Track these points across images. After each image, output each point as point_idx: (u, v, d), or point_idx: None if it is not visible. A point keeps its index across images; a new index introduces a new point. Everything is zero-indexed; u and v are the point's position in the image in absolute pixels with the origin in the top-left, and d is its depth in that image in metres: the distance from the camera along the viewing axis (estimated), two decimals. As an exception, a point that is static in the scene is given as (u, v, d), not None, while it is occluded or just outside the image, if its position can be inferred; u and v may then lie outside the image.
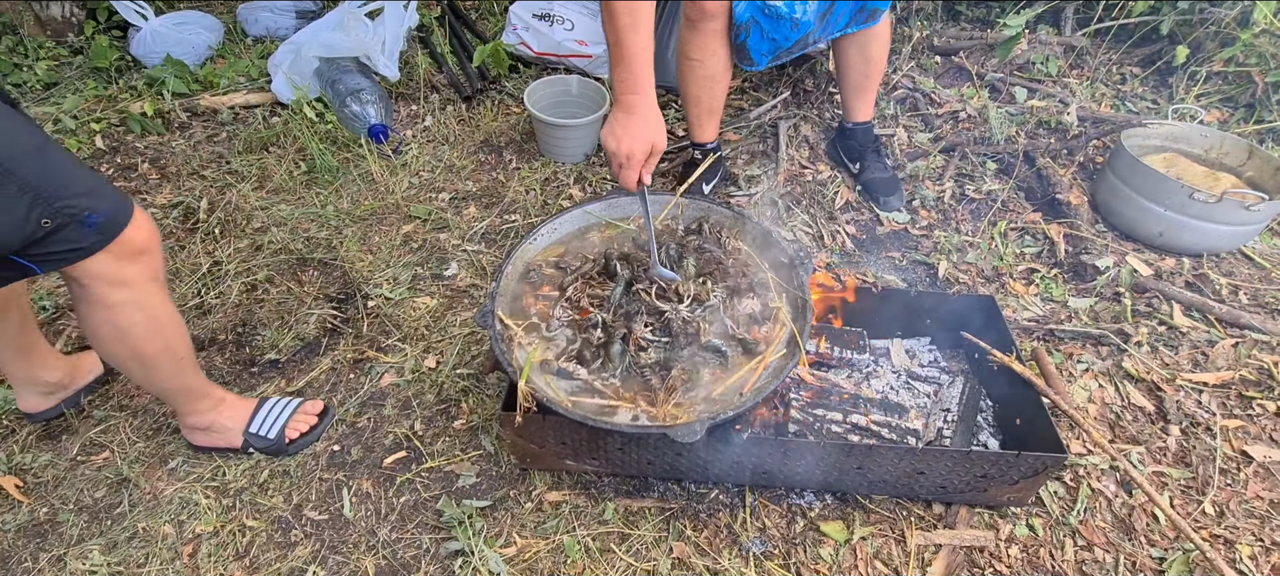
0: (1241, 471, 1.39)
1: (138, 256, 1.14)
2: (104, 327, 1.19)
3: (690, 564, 1.28)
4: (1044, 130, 2.23)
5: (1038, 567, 1.27)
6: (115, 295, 1.15)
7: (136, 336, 1.21)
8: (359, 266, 1.92)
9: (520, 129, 2.46)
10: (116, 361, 1.27)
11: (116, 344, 1.21)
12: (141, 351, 1.23)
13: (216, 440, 1.45)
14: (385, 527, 1.35)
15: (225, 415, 1.44)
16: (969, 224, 1.99)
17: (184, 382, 1.36)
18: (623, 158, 1.16)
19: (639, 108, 1.15)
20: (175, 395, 1.37)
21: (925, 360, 1.58)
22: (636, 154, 1.16)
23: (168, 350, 1.27)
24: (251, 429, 1.45)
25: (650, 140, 1.16)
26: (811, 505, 1.37)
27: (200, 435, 1.45)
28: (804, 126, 2.32)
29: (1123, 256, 1.82)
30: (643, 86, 1.15)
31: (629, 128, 1.16)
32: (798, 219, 2.01)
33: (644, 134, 1.16)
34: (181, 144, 2.41)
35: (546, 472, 1.42)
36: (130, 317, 1.18)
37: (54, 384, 1.50)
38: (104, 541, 1.34)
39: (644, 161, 1.18)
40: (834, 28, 1.80)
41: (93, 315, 1.17)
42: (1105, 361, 1.60)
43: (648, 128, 1.16)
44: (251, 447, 1.46)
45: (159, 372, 1.29)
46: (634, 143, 1.16)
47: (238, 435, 1.45)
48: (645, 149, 1.16)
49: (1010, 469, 1.22)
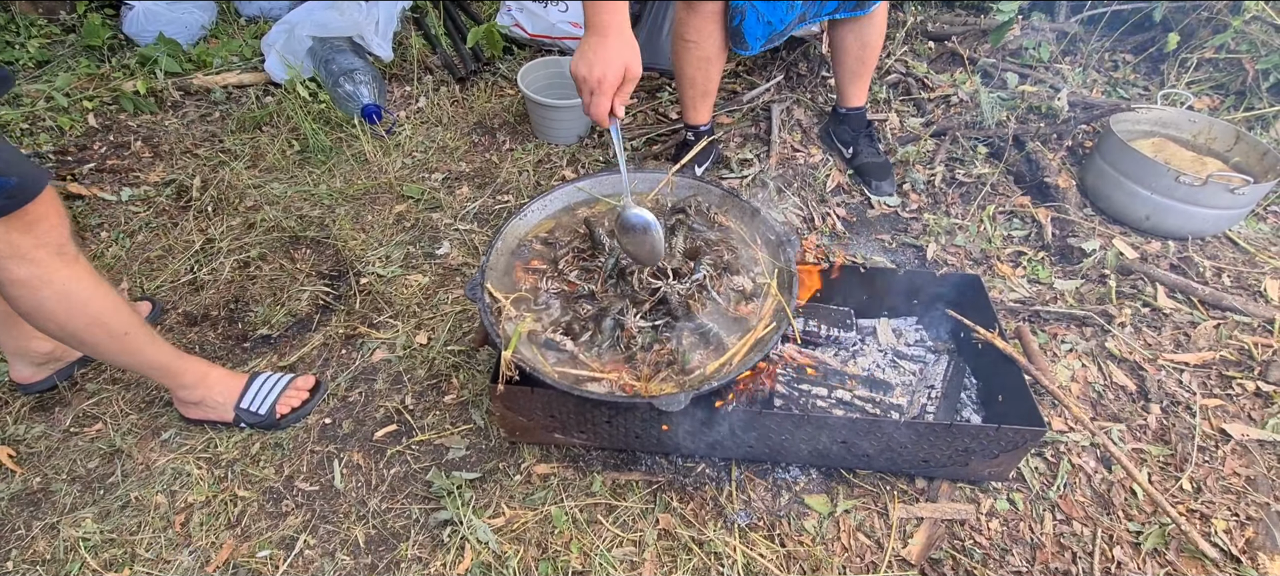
0: (1219, 449, 1.42)
1: (33, 226, 1.10)
2: (22, 304, 1.15)
3: (676, 535, 1.30)
4: (1035, 115, 2.24)
5: (1017, 540, 1.29)
6: (17, 270, 1.11)
7: (53, 312, 1.17)
8: (351, 245, 1.92)
9: (514, 110, 2.46)
10: (54, 338, 1.24)
11: (42, 320, 1.18)
12: (68, 327, 1.20)
13: (208, 414, 1.47)
14: (375, 498, 1.37)
15: (215, 391, 1.45)
16: (959, 207, 2.00)
17: (142, 358, 1.32)
18: (593, 83, 1.05)
19: (612, 28, 1.04)
20: (145, 371, 1.36)
21: (912, 339, 1.60)
22: (609, 78, 1.05)
23: (97, 324, 1.22)
24: (242, 405, 1.46)
25: (624, 63, 1.05)
26: (797, 479, 1.39)
27: (193, 409, 1.46)
28: (797, 110, 2.33)
29: (1109, 239, 1.84)
30: (616, 8, 1.04)
31: (600, 50, 1.04)
32: (789, 201, 2.02)
33: (617, 57, 1.05)
34: (174, 123, 2.40)
35: (535, 446, 1.43)
36: (38, 292, 1.14)
37: (46, 354, 1.51)
38: (97, 510, 1.36)
39: (617, 88, 1.07)
40: (823, 11, 1.80)
41: (7, 294, 1.14)
42: (1089, 342, 1.62)
43: (621, 50, 1.05)
44: (242, 423, 1.47)
45: (102, 349, 1.26)
46: (607, 66, 1.04)
47: (229, 410, 1.46)
48: (618, 73, 1.05)
49: (991, 442, 1.24)
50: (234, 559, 1.28)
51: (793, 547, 1.28)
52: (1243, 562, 1.23)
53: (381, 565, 1.27)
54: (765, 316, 1.26)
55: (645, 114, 2.43)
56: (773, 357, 1.42)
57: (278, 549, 1.29)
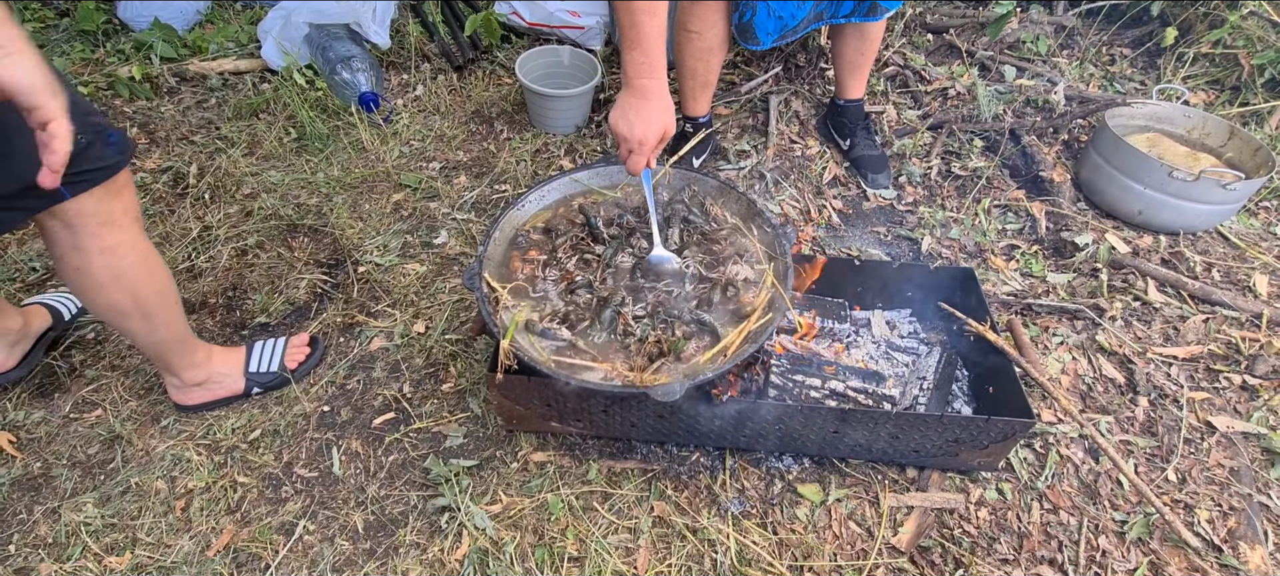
0: (1205, 441, 1.44)
1: (122, 191, 1.14)
2: (103, 274, 1.16)
3: (670, 522, 1.32)
4: (1031, 109, 2.25)
5: (1005, 529, 1.32)
6: (109, 237, 1.14)
7: (134, 278, 1.20)
8: (349, 233, 1.93)
9: (511, 99, 2.46)
10: (116, 311, 1.24)
11: (116, 290, 1.19)
12: (140, 294, 1.22)
13: (217, 392, 1.47)
14: (374, 484, 1.39)
15: (220, 365, 1.46)
16: (954, 200, 2.01)
17: (181, 330, 1.36)
18: (634, 143, 1.15)
19: (654, 93, 1.13)
20: (174, 346, 1.36)
21: (905, 331, 1.62)
22: (650, 140, 1.14)
23: (163, 293, 1.27)
24: (251, 370, 1.48)
25: (664, 127, 1.15)
26: (790, 468, 1.41)
27: (197, 392, 1.46)
28: (795, 102, 2.33)
29: (1102, 234, 1.86)
30: (658, 71, 1.12)
31: (642, 113, 1.13)
32: (786, 193, 2.03)
33: (658, 121, 1.14)
34: (170, 109, 2.39)
35: (532, 434, 1.45)
36: (125, 259, 1.17)
37: (17, 332, 1.50)
38: (98, 495, 1.37)
39: (655, 148, 1.17)
40: (839, 13, 1.79)
41: (90, 263, 1.15)
42: (1080, 335, 1.64)
43: (661, 114, 1.14)
44: (256, 387, 1.48)
45: (159, 318, 1.28)
46: (648, 128, 1.14)
47: (239, 379, 1.47)
48: (658, 135, 1.15)
49: (981, 433, 1.26)
50: (234, 543, 1.30)
51: (785, 535, 1.30)
52: (1224, 551, 1.26)
53: (380, 550, 1.29)
54: (760, 307, 1.28)
55: (643, 104, 2.42)
56: (768, 348, 1.44)
57: (277, 534, 1.31)
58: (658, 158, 1.28)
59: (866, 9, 1.76)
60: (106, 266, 1.16)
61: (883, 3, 1.75)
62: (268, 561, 1.27)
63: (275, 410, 1.51)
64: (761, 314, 1.26)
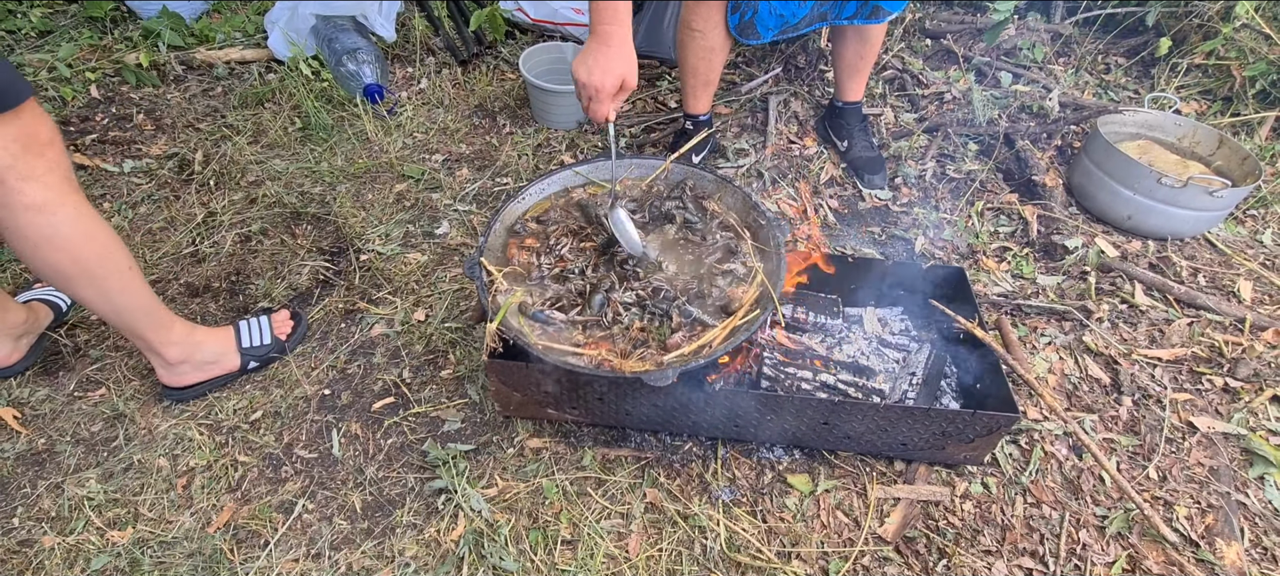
0: (1186, 440, 1.47)
1: (45, 147, 1.11)
2: (33, 232, 1.13)
3: (662, 508, 1.35)
4: (1026, 114, 2.29)
5: (989, 521, 1.35)
6: (32, 193, 1.11)
7: (71, 238, 1.16)
8: (352, 222, 1.96)
9: (514, 94, 2.49)
10: (61, 275, 1.21)
11: (52, 251, 1.16)
12: (81, 255, 1.19)
13: (212, 370, 1.49)
14: (372, 466, 1.41)
15: (211, 344, 1.47)
16: (948, 202, 2.05)
17: (144, 299, 1.32)
18: (592, 89, 1.16)
19: (614, 39, 1.14)
20: (139, 316, 1.33)
21: (896, 328, 1.65)
22: (607, 86, 1.16)
23: (107, 255, 1.22)
24: (245, 345, 1.51)
25: (621, 74, 1.16)
26: (780, 459, 1.44)
27: (187, 372, 1.45)
28: (794, 102, 2.36)
29: (1092, 238, 1.89)
30: (620, 18, 1.13)
31: (600, 59, 1.15)
32: (783, 192, 2.06)
33: (616, 67, 1.15)
34: (177, 97, 2.42)
35: (529, 421, 1.48)
36: (55, 216, 1.14)
37: (22, 325, 1.52)
38: (101, 471, 1.40)
39: (613, 95, 1.17)
40: (841, 15, 1.82)
41: (17, 220, 1.12)
42: (1067, 335, 1.67)
43: (620, 60, 1.15)
44: (253, 360, 1.50)
45: (110, 282, 1.24)
46: (605, 75, 1.15)
47: (234, 356, 1.50)
48: (615, 82, 1.16)
49: (966, 426, 1.29)
50: (234, 520, 1.32)
51: (774, 523, 1.33)
52: (1201, 547, 1.29)
53: (377, 530, 1.32)
54: (749, 301, 1.31)
55: (645, 102, 2.46)
56: (759, 340, 1.47)
57: (277, 512, 1.34)
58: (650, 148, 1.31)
59: (868, 11, 1.79)
60: (35, 225, 1.13)
61: (885, 6, 1.78)
62: (267, 538, 1.30)
63: (276, 392, 1.54)
64: (749, 309, 1.29)
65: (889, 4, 1.78)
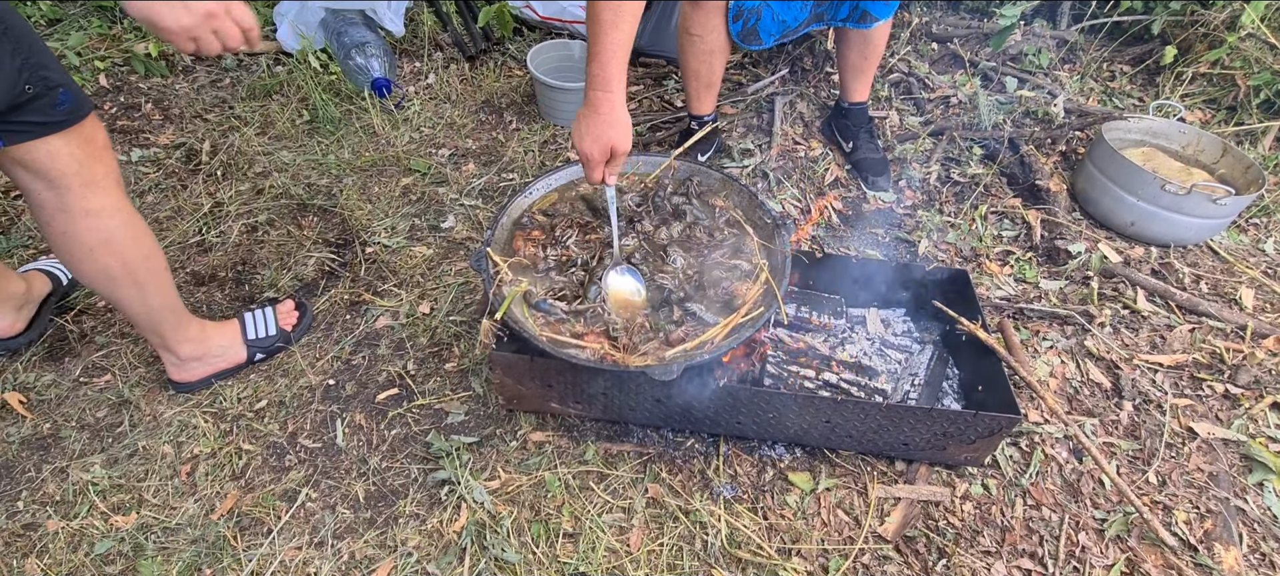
0: (1186, 446, 1.48)
1: (102, 154, 1.16)
2: (90, 237, 1.18)
3: (663, 503, 1.35)
4: (1030, 119, 2.29)
5: (988, 522, 1.36)
6: (93, 199, 1.15)
7: (122, 241, 1.21)
8: (358, 214, 1.97)
9: (521, 91, 2.50)
10: (108, 277, 1.24)
11: (106, 254, 1.20)
12: (129, 258, 1.23)
13: (219, 364, 1.51)
14: (376, 457, 1.42)
15: (217, 338, 1.50)
16: (952, 206, 2.05)
17: (173, 299, 1.37)
18: (583, 157, 1.19)
19: (603, 108, 1.14)
20: (167, 316, 1.37)
21: (899, 329, 1.66)
22: (596, 155, 1.17)
23: (151, 258, 1.28)
24: (251, 337, 1.54)
25: (609, 143, 1.15)
26: (782, 456, 1.45)
27: (196, 368, 1.48)
28: (800, 103, 2.37)
29: (1095, 243, 1.90)
30: (612, 85, 1.13)
31: (591, 126, 1.16)
32: (787, 192, 2.07)
33: (604, 136, 1.15)
34: (185, 87, 2.43)
35: (532, 414, 1.49)
36: (111, 220, 1.18)
37: (21, 296, 1.54)
38: (105, 457, 1.41)
39: (603, 162, 1.18)
40: (836, 17, 1.83)
41: (76, 226, 1.16)
42: (1069, 340, 1.68)
43: (609, 130, 1.15)
44: (259, 353, 1.54)
45: (150, 284, 1.29)
46: (593, 144, 1.16)
47: (241, 348, 1.53)
48: (604, 150, 1.16)
49: (968, 427, 1.30)
50: (238, 507, 1.33)
51: (774, 520, 1.34)
52: (1199, 551, 1.30)
53: (380, 520, 1.32)
54: (752, 298, 1.31)
55: (650, 101, 2.47)
56: (763, 338, 1.47)
57: (280, 500, 1.35)
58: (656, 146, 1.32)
59: (858, 15, 1.80)
60: (93, 229, 1.17)
61: (873, 12, 1.78)
62: (270, 526, 1.30)
63: (281, 382, 1.55)
64: (752, 306, 1.29)
65: (877, 8, 1.78)
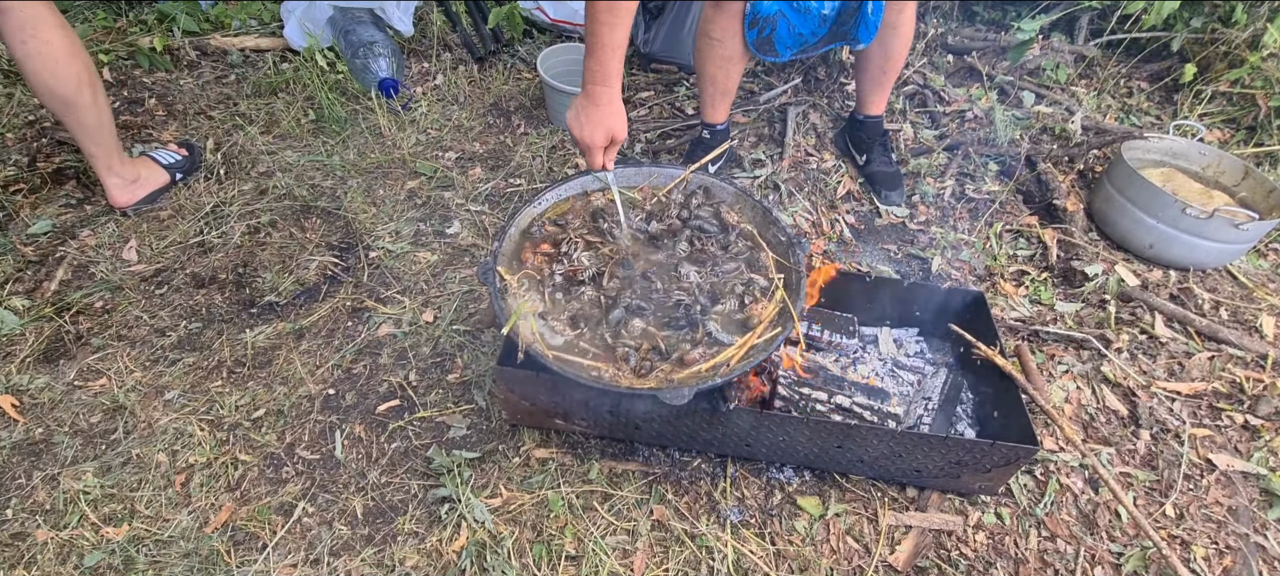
0: (1204, 478, 1.44)
1: None
2: (29, 47, 1.50)
3: (669, 526, 1.32)
4: (1047, 136, 2.25)
5: (1002, 554, 1.32)
6: (24, 9, 1.46)
7: (59, 52, 1.54)
8: (362, 218, 1.93)
9: (530, 94, 2.46)
10: (79, 83, 1.60)
11: (47, 63, 1.53)
12: (69, 71, 1.57)
13: (150, 186, 1.88)
14: (375, 471, 1.39)
15: (142, 168, 1.87)
16: (966, 223, 2.02)
17: (108, 119, 1.72)
18: (583, 144, 1.29)
19: (602, 100, 1.24)
20: (107, 135, 1.73)
21: (912, 350, 1.62)
22: (596, 143, 1.27)
23: (89, 70, 1.62)
24: (165, 164, 1.92)
25: (609, 131, 1.27)
26: (790, 480, 1.41)
27: (131, 189, 1.83)
28: (813, 114, 2.33)
29: (1112, 265, 1.86)
30: (610, 79, 1.23)
31: (591, 117, 1.26)
32: (799, 205, 2.03)
33: (604, 125, 1.26)
34: (190, 83, 2.40)
35: (535, 430, 1.45)
36: (46, 33, 1.51)
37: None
38: (98, 464, 1.37)
39: (603, 148, 1.29)
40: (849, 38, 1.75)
41: (13, 42, 1.49)
42: (1085, 365, 1.64)
43: (608, 119, 1.26)
44: (178, 173, 1.94)
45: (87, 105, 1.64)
46: (594, 132, 1.26)
47: (162, 172, 1.91)
48: (604, 138, 1.27)
49: (984, 457, 1.26)
50: (233, 521, 1.30)
51: (783, 546, 1.30)
52: (1221, 591, 1.26)
53: (378, 537, 1.29)
54: (768, 318, 1.28)
55: (661, 108, 2.43)
56: (774, 359, 1.44)
57: (276, 514, 1.31)
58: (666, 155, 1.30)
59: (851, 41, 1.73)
60: (28, 42, 1.50)
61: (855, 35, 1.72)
62: (265, 541, 1.27)
63: (280, 389, 1.52)
64: (768, 326, 1.26)
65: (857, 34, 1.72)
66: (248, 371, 1.55)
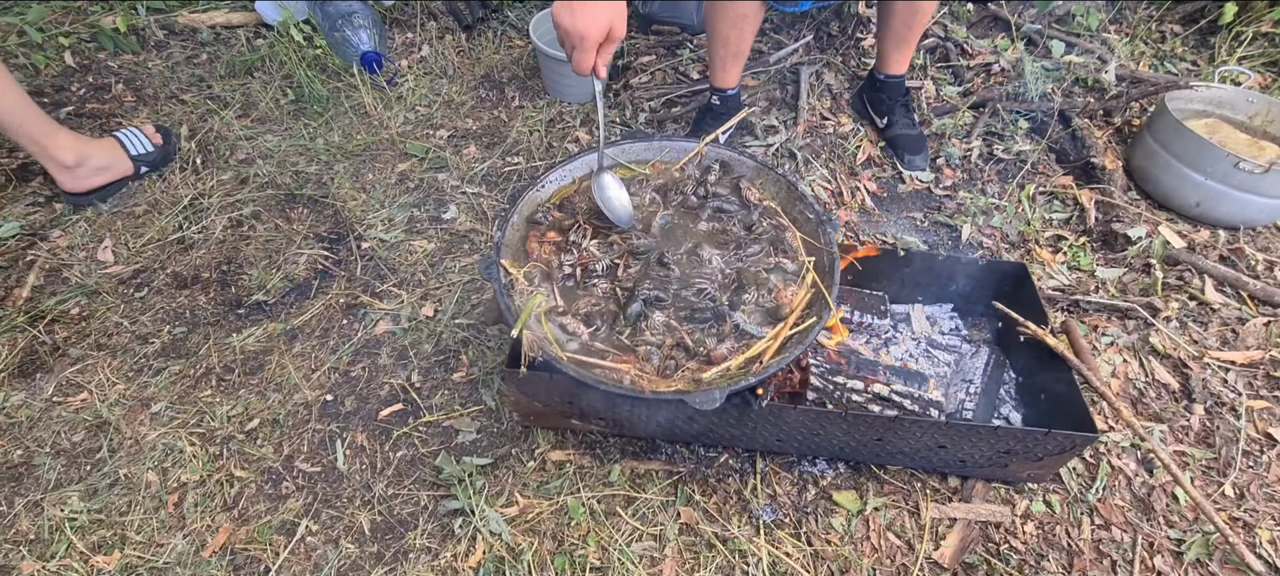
0: (1264, 454, 1.36)
1: None
2: None
3: (698, 530, 1.24)
4: (1079, 88, 2.11)
5: (1053, 545, 1.24)
6: None
7: None
8: (351, 205, 1.81)
9: (524, 64, 2.30)
10: None
11: None
12: None
13: (107, 175, 1.72)
14: (381, 482, 1.30)
15: (98, 153, 1.70)
16: (996, 185, 1.89)
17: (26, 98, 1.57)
18: (575, 37, 0.99)
19: None
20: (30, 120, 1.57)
21: (946, 327, 1.52)
22: (591, 34, 0.98)
23: None
24: (133, 153, 1.75)
25: (608, 21, 0.99)
26: (824, 473, 1.32)
27: (85, 177, 1.69)
28: (827, 74, 2.18)
29: (1156, 226, 1.74)
30: None
31: (587, 5, 0.98)
32: (817, 173, 1.90)
33: (604, 15, 0.98)
34: (158, 64, 2.24)
35: (550, 431, 1.36)
36: None
37: None
38: (83, 487, 1.28)
39: (599, 44, 1.01)
40: None
41: None
42: (1131, 335, 1.54)
43: (608, 6, 0.98)
44: (143, 166, 1.77)
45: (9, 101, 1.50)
46: (590, 21, 0.98)
47: (126, 162, 1.75)
48: (602, 29, 0.99)
49: (1037, 445, 1.17)
50: (231, 543, 1.21)
51: (820, 546, 1.22)
52: (1290, 577, 1.19)
53: (388, 554, 1.20)
54: (800, 306, 1.17)
55: (664, 73, 2.28)
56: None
57: (277, 534, 1.23)
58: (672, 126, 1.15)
59: None
60: None
61: None
62: (267, 564, 1.19)
63: (274, 397, 1.41)
64: (801, 315, 1.15)
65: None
66: (238, 378, 1.45)
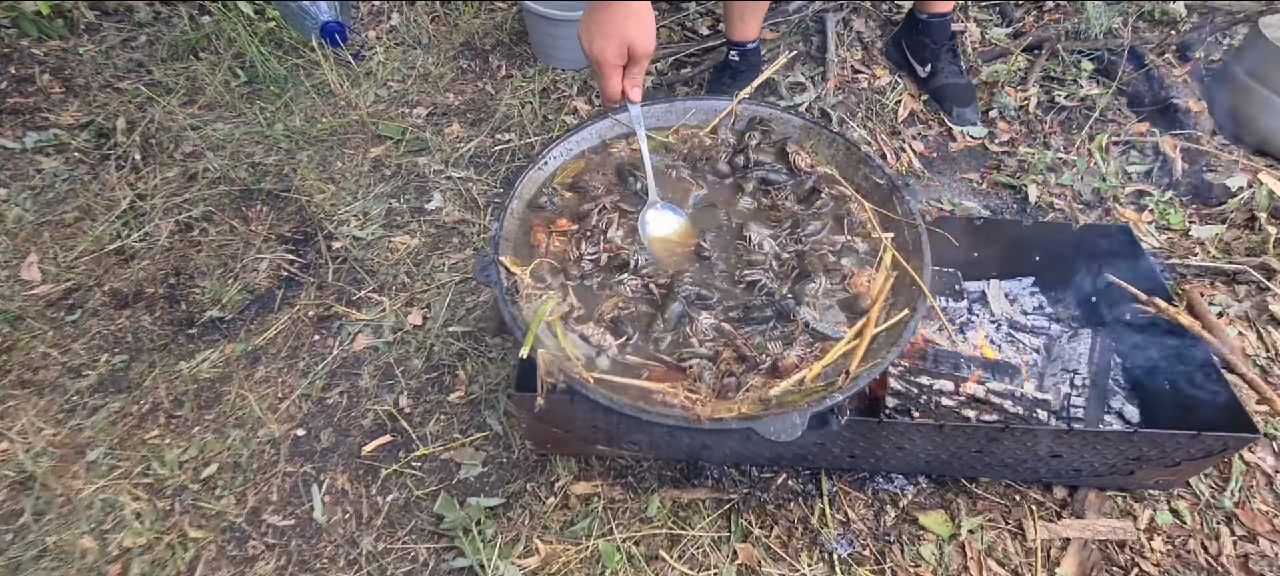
0: None
1: None
2: None
3: (760, 572, 1.01)
4: (1144, 22, 1.87)
5: (1188, 564, 1.03)
6: None
7: None
8: (318, 199, 1.55)
9: (509, 28, 2.03)
10: None
11: None
12: None
13: None
14: (369, 536, 1.06)
15: None
16: (1060, 138, 1.66)
17: None
18: (593, 59, 0.92)
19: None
20: None
21: (1029, 305, 1.29)
22: (608, 55, 0.90)
23: None
24: None
25: (625, 39, 0.89)
26: (903, 490, 1.10)
27: None
28: (856, 20, 1.92)
29: (1255, 174, 1.51)
30: None
31: (602, 24, 0.90)
32: (854, 134, 1.66)
33: (617, 31, 0.89)
34: (90, 50, 1.96)
35: (570, 458, 1.12)
36: None
37: None
38: (4, 562, 1.04)
39: (620, 67, 0.92)
40: None
41: None
42: (1244, 303, 1.32)
43: (625, 24, 0.89)
44: None
45: None
46: (607, 43, 0.89)
47: None
48: (618, 51, 0.90)
49: (1178, 450, 0.95)
50: (186, 626, 0.98)
51: (910, 584, 1.00)
52: None
53: (382, 628, 0.97)
54: (882, 294, 0.93)
55: (669, 30, 2.01)
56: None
57: (243, 610, 0.99)
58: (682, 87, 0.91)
59: None
60: None
61: None
62: (232, 650, 0.95)
63: (234, 434, 1.17)
64: (885, 306, 0.91)
65: None
66: (191, 413, 1.21)
